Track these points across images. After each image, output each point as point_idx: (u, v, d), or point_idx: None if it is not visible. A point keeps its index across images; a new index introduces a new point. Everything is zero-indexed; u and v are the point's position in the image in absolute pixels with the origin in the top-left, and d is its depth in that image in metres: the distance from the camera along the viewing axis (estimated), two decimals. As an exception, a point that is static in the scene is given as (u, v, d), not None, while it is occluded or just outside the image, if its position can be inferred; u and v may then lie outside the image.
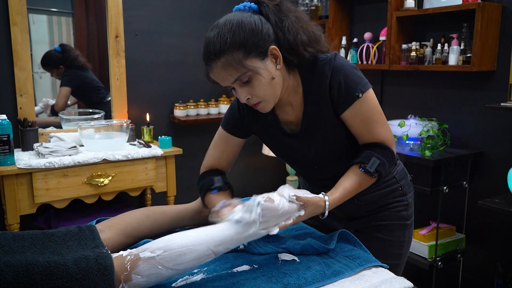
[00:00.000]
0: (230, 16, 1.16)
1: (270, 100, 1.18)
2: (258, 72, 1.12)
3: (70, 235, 1.11)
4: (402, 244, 1.37)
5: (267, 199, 1.07)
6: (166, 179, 2.62)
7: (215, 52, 1.11)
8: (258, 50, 1.12)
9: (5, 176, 2.13)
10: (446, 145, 2.39)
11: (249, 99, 1.17)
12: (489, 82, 2.32)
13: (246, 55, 1.10)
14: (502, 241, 2.33)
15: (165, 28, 2.95)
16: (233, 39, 1.10)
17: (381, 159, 1.21)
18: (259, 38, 1.12)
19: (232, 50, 1.10)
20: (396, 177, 1.36)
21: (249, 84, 1.14)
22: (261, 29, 1.13)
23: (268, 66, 1.14)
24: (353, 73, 1.19)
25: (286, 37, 1.15)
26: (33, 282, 0.90)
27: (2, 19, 2.43)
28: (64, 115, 2.72)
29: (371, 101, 1.20)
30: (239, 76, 1.12)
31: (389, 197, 1.36)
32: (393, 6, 2.54)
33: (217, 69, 1.12)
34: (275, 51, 1.14)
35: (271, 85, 1.16)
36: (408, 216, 1.38)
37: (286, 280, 1.08)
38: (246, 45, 1.10)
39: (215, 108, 3.12)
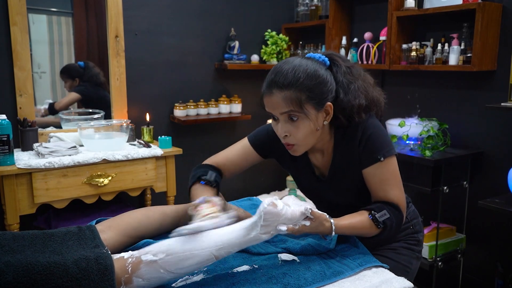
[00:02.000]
0: (305, 61, 1.23)
1: (304, 146, 1.26)
2: (309, 118, 1.20)
3: (70, 235, 1.11)
4: (408, 270, 1.42)
5: (271, 204, 1.09)
6: (166, 179, 2.62)
7: (283, 83, 1.19)
8: (318, 102, 1.20)
9: (5, 176, 2.13)
10: (446, 145, 2.39)
11: (286, 136, 1.24)
12: (489, 82, 2.32)
13: (307, 100, 1.19)
14: (502, 241, 2.33)
15: (165, 28, 2.94)
16: (305, 81, 1.19)
17: (391, 216, 1.25)
18: (324, 92, 1.21)
19: (299, 89, 1.18)
20: (407, 217, 1.44)
21: (295, 123, 1.21)
22: (329, 85, 1.22)
23: (318, 118, 1.23)
24: (381, 136, 1.28)
25: (348, 98, 1.23)
26: (33, 282, 0.90)
27: (2, 19, 2.43)
28: (64, 115, 2.72)
29: (391, 166, 1.27)
30: (292, 110, 1.19)
31: (400, 235, 1.44)
32: (393, 6, 2.54)
33: (276, 97, 1.20)
34: (329, 108, 1.23)
35: (312, 134, 1.24)
36: (418, 251, 1.47)
37: (286, 280, 1.08)
38: (312, 92, 1.19)
39: (215, 108, 3.12)
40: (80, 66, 2.79)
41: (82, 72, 2.79)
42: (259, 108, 1.47)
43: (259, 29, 3.31)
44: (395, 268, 1.36)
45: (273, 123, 1.27)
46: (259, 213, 1.09)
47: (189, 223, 1.10)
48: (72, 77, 2.78)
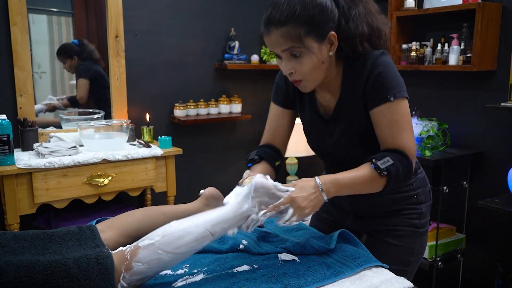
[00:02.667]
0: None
1: (311, 81, 1.19)
2: (312, 52, 1.13)
3: (70, 235, 1.12)
4: (412, 251, 1.35)
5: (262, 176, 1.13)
6: (166, 179, 2.62)
7: (279, 20, 1.11)
8: (319, 33, 1.13)
9: (5, 176, 2.13)
10: (446, 145, 2.39)
11: (292, 73, 1.18)
12: (489, 82, 2.32)
13: (307, 33, 1.11)
14: (502, 241, 2.33)
15: (165, 28, 2.95)
16: (301, 13, 1.10)
17: (396, 162, 1.16)
18: (324, 21, 1.12)
19: (296, 24, 1.10)
20: (413, 184, 1.35)
21: (298, 59, 1.15)
22: (329, 13, 1.13)
23: (322, 50, 1.15)
24: (393, 75, 1.18)
25: (349, 25, 1.15)
26: (34, 281, 0.91)
27: (2, 19, 2.43)
28: (64, 115, 2.72)
29: (402, 108, 1.18)
30: (292, 47, 1.13)
31: (402, 203, 1.34)
32: (393, 6, 2.54)
33: (275, 35, 1.13)
34: (333, 38, 1.15)
35: (318, 68, 1.17)
36: (421, 225, 1.36)
37: (286, 280, 1.08)
38: (311, 23, 1.11)
39: (215, 108, 3.12)
40: (75, 44, 2.78)
41: (78, 49, 2.78)
42: (259, 108, 1.46)
43: (259, 29, 3.26)
44: (399, 251, 1.32)
45: (278, 61, 1.20)
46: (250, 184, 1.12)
47: None
48: (70, 55, 2.76)
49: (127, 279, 1.01)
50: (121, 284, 1.00)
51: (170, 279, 1.10)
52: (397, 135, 1.18)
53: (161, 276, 1.13)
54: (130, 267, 1.01)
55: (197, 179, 3.19)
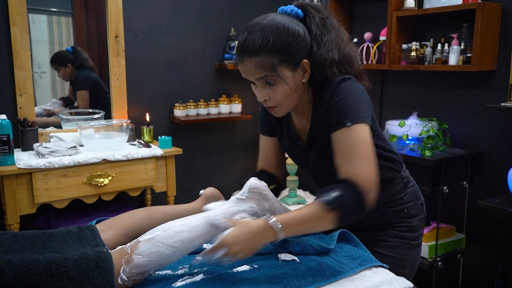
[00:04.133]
0: (277, 17, 1.16)
1: (285, 107, 1.21)
2: (285, 81, 1.15)
3: (70, 234, 1.12)
4: (404, 263, 1.34)
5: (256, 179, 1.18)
6: (166, 179, 2.62)
7: (253, 50, 1.11)
8: (293, 61, 1.14)
9: (5, 176, 2.13)
10: (446, 145, 2.39)
11: (266, 100, 1.20)
12: (489, 82, 2.32)
13: (280, 62, 1.12)
14: (502, 241, 2.33)
15: (165, 28, 2.95)
16: (274, 43, 1.11)
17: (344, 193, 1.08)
18: (297, 50, 1.14)
19: (269, 54, 1.11)
20: (403, 198, 1.35)
21: (272, 87, 1.16)
22: (302, 41, 1.14)
23: (296, 77, 1.16)
24: (352, 100, 1.14)
25: (320, 51, 1.16)
26: (34, 282, 0.91)
27: (2, 19, 2.43)
28: (64, 115, 2.72)
29: (360, 135, 1.12)
30: (266, 76, 1.14)
31: (393, 217, 1.35)
32: (393, 6, 2.54)
33: (249, 64, 1.14)
34: (306, 65, 1.16)
35: (291, 95, 1.18)
36: (413, 238, 1.36)
37: (286, 280, 1.08)
38: (284, 53, 1.12)
39: (215, 108, 3.12)
40: (69, 51, 2.77)
41: (71, 57, 2.77)
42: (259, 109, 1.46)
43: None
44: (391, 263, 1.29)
45: (253, 87, 1.21)
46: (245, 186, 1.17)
47: None
48: (64, 63, 2.75)
49: (127, 272, 1.01)
50: (121, 277, 1.00)
51: (170, 279, 1.10)
52: (351, 162, 1.11)
53: (161, 276, 1.13)
54: (130, 260, 1.02)
55: (197, 179, 3.19)
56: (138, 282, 1.05)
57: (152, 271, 1.07)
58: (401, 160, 1.39)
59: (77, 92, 2.81)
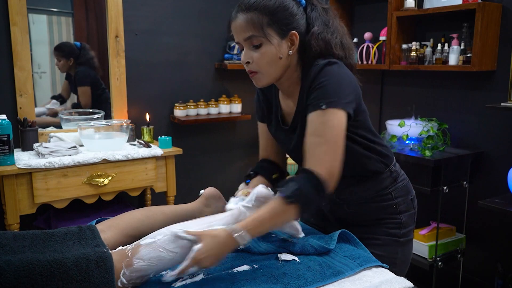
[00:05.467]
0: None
1: (266, 75, 1.21)
2: (271, 42, 1.17)
3: (70, 234, 1.12)
4: (394, 261, 1.32)
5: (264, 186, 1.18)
6: (166, 179, 2.62)
7: (247, 5, 1.19)
8: (281, 27, 1.17)
9: (5, 176, 2.13)
10: (446, 145, 2.39)
11: (249, 63, 1.21)
12: (489, 82, 2.32)
13: (269, 24, 1.16)
14: (502, 241, 2.33)
15: (165, 28, 2.95)
16: (267, 3, 1.16)
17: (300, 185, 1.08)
18: (287, 18, 1.17)
19: (261, 11, 1.16)
20: (392, 193, 1.32)
21: (257, 50, 1.18)
22: (293, 13, 1.18)
23: (282, 46, 1.18)
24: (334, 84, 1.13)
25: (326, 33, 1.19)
26: (34, 282, 0.91)
27: (2, 19, 2.43)
28: (64, 115, 2.72)
29: (333, 120, 1.10)
30: (254, 35, 1.17)
31: (381, 213, 1.33)
32: (393, 6, 2.54)
33: (240, 20, 1.20)
34: (294, 37, 1.18)
35: (275, 62, 1.19)
36: (402, 234, 1.33)
37: (286, 280, 1.08)
38: (274, 15, 1.16)
39: (215, 108, 3.12)
40: (77, 46, 2.77)
41: (77, 52, 2.77)
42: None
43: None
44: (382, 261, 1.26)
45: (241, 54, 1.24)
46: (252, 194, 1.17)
47: None
48: (67, 56, 2.75)
49: (127, 276, 1.01)
50: (120, 280, 1.01)
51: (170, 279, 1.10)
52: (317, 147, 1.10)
53: (161, 276, 1.13)
54: (131, 264, 1.02)
55: (197, 179, 3.19)
56: (138, 285, 1.05)
57: (151, 275, 1.07)
58: (390, 154, 1.35)
59: (79, 88, 2.81)
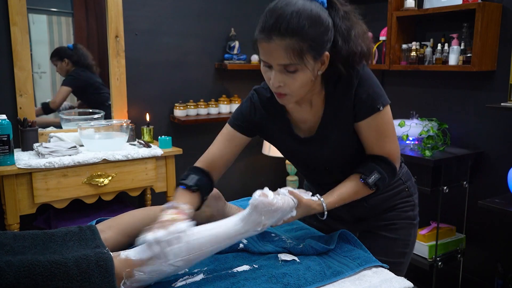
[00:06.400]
0: (308, 3, 1.09)
1: (296, 96, 1.17)
2: (308, 68, 1.11)
3: (70, 235, 1.12)
4: (408, 243, 1.39)
5: (261, 195, 1.12)
6: (166, 179, 2.62)
7: (287, 30, 1.05)
8: (318, 52, 1.11)
9: (5, 176, 2.13)
10: (446, 145, 2.39)
11: (280, 87, 1.14)
12: (489, 82, 2.32)
13: (308, 50, 1.08)
14: (502, 241, 2.33)
15: (165, 28, 2.94)
16: (309, 29, 1.06)
17: (383, 174, 1.23)
18: (325, 41, 1.11)
19: (302, 38, 1.06)
20: (402, 178, 1.39)
21: (291, 74, 1.11)
22: (329, 34, 1.12)
23: (315, 68, 1.13)
24: (377, 85, 1.23)
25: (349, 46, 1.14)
26: (34, 282, 0.91)
27: (2, 19, 2.43)
28: (64, 115, 2.72)
29: (388, 115, 1.24)
30: (291, 64, 1.09)
31: (396, 198, 1.38)
32: (393, 6, 2.54)
33: (277, 45, 1.07)
34: (325, 58, 1.14)
35: (307, 85, 1.15)
36: (415, 216, 1.41)
37: (286, 280, 1.08)
38: (314, 41, 1.08)
39: (215, 108, 3.12)
40: (69, 48, 2.78)
41: (70, 53, 2.77)
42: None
43: (259, 29, 3.30)
44: (395, 245, 1.36)
45: (264, 69, 1.15)
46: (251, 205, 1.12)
47: (146, 228, 1.06)
48: (61, 58, 2.75)
49: (128, 285, 1.02)
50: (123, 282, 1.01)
51: (170, 279, 1.10)
52: (382, 143, 1.24)
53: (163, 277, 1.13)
54: (131, 275, 1.01)
55: (197, 179, 3.18)
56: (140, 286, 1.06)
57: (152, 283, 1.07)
58: None
59: (60, 86, 2.79)
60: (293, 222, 1.50)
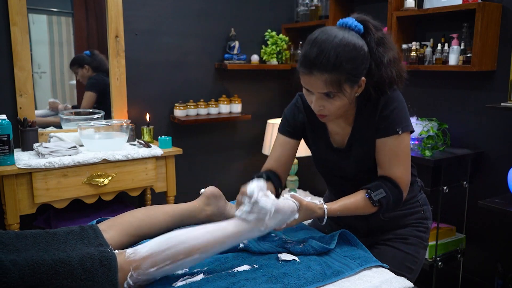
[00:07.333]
0: (347, 35, 1.18)
1: (335, 116, 1.27)
2: (345, 95, 1.20)
3: (72, 234, 1.12)
4: (416, 260, 1.42)
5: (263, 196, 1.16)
6: (166, 179, 2.62)
7: (326, 66, 1.16)
8: (355, 81, 1.20)
9: (5, 176, 2.13)
10: (446, 145, 2.39)
11: (321, 109, 1.24)
12: (489, 82, 2.32)
13: (345, 81, 1.18)
14: (502, 241, 2.33)
15: (165, 28, 2.95)
16: (347, 64, 1.16)
17: (388, 194, 1.27)
18: (361, 70, 1.20)
19: (340, 72, 1.16)
20: (419, 201, 1.46)
21: (330, 100, 1.21)
22: (366, 62, 1.20)
23: (352, 93, 1.23)
24: (403, 109, 1.29)
25: (381, 72, 1.22)
26: (39, 281, 0.91)
27: (2, 19, 2.43)
28: (64, 115, 2.72)
29: (405, 141, 1.29)
30: (331, 92, 1.19)
31: (411, 218, 1.44)
32: (393, 6, 2.54)
33: (316, 78, 1.18)
34: (362, 82, 1.22)
35: (345, 107, 1.24)
36: (426, 239, 1.47)
37: (286, 280, 1.08)
38: (352, 73, 1.18)
39: (215, 108, 3.12)
40: (87, 55, 2.83)
41: (89, 59, 2.82)
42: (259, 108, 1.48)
43: (259, 29, 3.31)
44: (404, 258, 1.38)
45: (306, 93, 1.26)
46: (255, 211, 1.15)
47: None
48: (81, 65, 2.80)
49: (134, 278, 1.02)
50: (127, 282, 1.01)
51: (170, 279, 1.10)
52: (394, 166, 1.28)
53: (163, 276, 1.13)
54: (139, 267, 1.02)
55: (197, 179, 3.19)
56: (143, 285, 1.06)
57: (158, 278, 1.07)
58: (415, 166, 1.48)
59: (85, 92, 2.84)
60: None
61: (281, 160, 1.46)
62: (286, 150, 1.46)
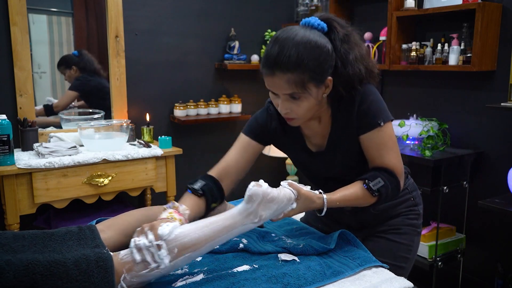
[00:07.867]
0: (308, 33, 1.15)
1: (303, 119, 1.24)
2: (311, 95, 1.17)
3: (70, 234, 1.12)
4: (410, 248, 1.41)
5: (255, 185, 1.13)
6: (166, 179, 2.62)
7: (287, 65, 1.12)
8: (320, 79, 1.17)
9: (5, 176, 2.13)
10: (446, 145, 2.39)
11: (288, 112, 1.21)
12: (489, 82, 2.32)
13: (309, 80, 1.15)
14: (502, 241, 2.33)
15: (165, 28, 2.95)
16: (308, 62, 1.12)
17: (386, 182, 1.24)
18: (326, 69, 1.17)
19: (302, 71, 1.12)
20: (408, 188, 1.43)
21: (296, 101, 1.18)
22: (330, 61, 1.17)
23: (319, 93, 1.19)
24: (380, 101, 1.27)
25: (347, 70, 1.19)
26: (34, 282, 0.91)
27: (2, 19, 2.43)
28: (64, 115, 2.72)
29: (390, 131, 1.27)
30: (295, 92, 1.16)
31: (401, 207, 1.41)
32: (393, 6, 2.54)
33: (279, 79, 1.14)
34: (329, 82, 1.19)
35: (312, 108, 1.21)
36: (419, 225, 1.44)
37: (286, 280, 1.08)
38: (315, 72, 1.14)
39: (215, 108, 3.12)
40: (75, 55, 2.80)
41: (77, 59, 2.79)
42: (259, 108, 1.46)
43: (259, 29, 3.31)
44: (399, 248, 1.37)
45: (272, 96, 1.22)
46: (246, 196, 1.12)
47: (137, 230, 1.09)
48: (69, 66, 2.77)
49: (128, 280, 1.01)
50: (120, 284, 1.00)
51: (170, 279, 1.10)
52: (384, 156, 1.26)
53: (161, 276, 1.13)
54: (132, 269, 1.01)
55: (197, 179, 3.18)
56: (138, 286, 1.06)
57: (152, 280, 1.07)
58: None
59: (67, 91, 2.81)
60: (293, 222, 1.50)
61: (237, 165, 1.36)
62: (247, 154, 1.38)
